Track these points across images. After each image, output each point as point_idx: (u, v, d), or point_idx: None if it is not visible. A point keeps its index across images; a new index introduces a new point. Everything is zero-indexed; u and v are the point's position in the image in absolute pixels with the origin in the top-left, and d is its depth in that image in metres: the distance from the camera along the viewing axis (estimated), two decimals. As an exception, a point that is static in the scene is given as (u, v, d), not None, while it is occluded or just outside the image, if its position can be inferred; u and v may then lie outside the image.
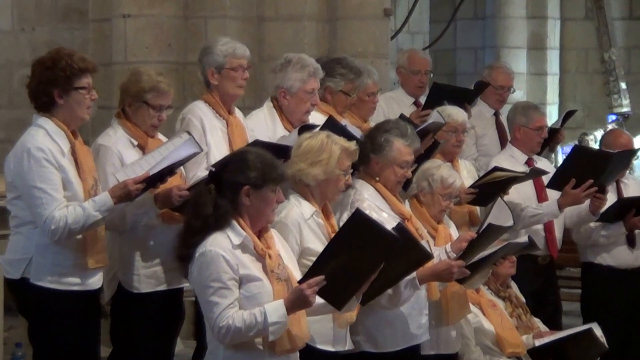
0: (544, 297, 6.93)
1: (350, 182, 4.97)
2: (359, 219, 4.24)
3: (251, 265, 4.18)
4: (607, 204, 6.78)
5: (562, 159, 12.51)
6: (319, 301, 4.24)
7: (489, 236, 5.26)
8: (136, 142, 5.24)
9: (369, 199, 5.20)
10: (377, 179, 5.27)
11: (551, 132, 7.31)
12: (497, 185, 6.32)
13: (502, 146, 7.46)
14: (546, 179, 6.78)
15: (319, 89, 5.84)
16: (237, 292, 4.12)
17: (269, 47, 7.57)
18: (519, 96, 11.85)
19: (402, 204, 5.33)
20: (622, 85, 13.98)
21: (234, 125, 5.66)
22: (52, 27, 8.28)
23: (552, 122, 8.80)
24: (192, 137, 5.02)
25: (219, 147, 5.53)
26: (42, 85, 4.84)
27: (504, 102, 8.00)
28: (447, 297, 5.47)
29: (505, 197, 6.18)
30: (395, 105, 7.36)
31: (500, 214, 5.26)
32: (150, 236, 5.25)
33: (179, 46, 7.52)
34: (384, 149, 5.24)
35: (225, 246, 4.13)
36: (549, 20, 14.04)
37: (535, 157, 7.03)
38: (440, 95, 7.00)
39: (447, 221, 5.77)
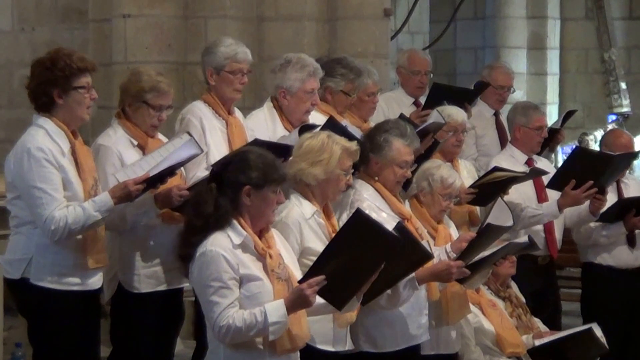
0: (544, 297, 6.92)
1: (351, 182, 4.97)
2: (359, 219, 4.24)
3: (252, 264, 4.18)
4: (608, 204, 6.78)
5: (562, 159, 12.52)
6: (320, 301, 4.24)
7: (488, 236, 5.26)
8: (136, 142, 5.24)
9: (368, 199, 5.20)
10: (376, 179, 5.27)
11: (551, 132, 7.30)
12: (497, 185, 6.32)
13: (502, 146, 7.46)
14: (546, 179, 6.78)
15: (319, 89, 5.84)
16: (238, 291, 4.12)
17: (269, 47, 7.57)
18: (519, 96, 11.85)
19: (401, 204, 5.33)
20: (622, 85, 13.97)
21: (234, 125, 5.66)
22: (52, 27, 8.27)
23: (552, 122, 8.79)
24: (192, 138, 5.02)
25: (218, 148, 5.53)
26: (42, 85, 4.83)
27: (504, 102, 7.99)
28: (447, 297, 5.46)
29: (505, 197, 6.18)
30: (395, 105, 7.35)
31: (500, 214, 5.26)
32: (150, 236, 5.24)
33: (179, 46, 7.51)
34: (383, 148, 5.24)
35: (225, 246, 4.13)
36: (549, 20, 14.04)
37: (535, 157, 7.02)
38: (440, 95, 7.00)
39: (447, 221, 5.77)
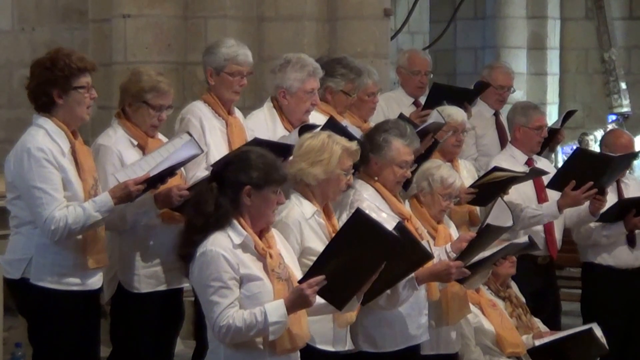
0: (544, 298, 6.92)
1: (351, 182, 4.97)
2: (359, 218, 4.24)
3: (252, 264, 4.18)
4: (608, 204, 6.78)
5: (562, 159, 12.53)
6: (320, 301, 4.24)
7: (488, 236, 5.25)
8: (136, 142, 5.24)
9: (368, 199, 5.20)
10: (376, 179, 5.27)
11: (551, 132, 7.30)
12: (496, 185, 6.31)
13: (502, 146, 7.45)
14: (546, 180, 6.77)
15: (319, 89, 5.84)
16: (238, 291, 4.12)
17: (269, 47, 7.56)
18: (519, 96, 11.84)
19: (401, 204, 5.33)
20: (622, 85, 13.97)
21: (234, 125, 5.65)
22: (52, 27, 8.27)
23: (552, 122, 8.79)
24: (193, 138, 5.02)
25: (218, 148, 5.52)
26: (42, 85, 4.83)
27: (504, 102, 7.98)
28: (447, 297, 5.46)
29: (505, 197, 6.18)
30: (394, 105, 7.35)
31: (500, 214, 5.26)
32: (150, 236, 5.24)
33: (179, 46, 7.51)
34: (383, 148, 5.24)
35: (225, 246, 4.13)
36: (549, 20, 14.04)
37: (535, 157, 7.02)
38: (440, 95, 6.99)
39: (447, 221, 5.77)
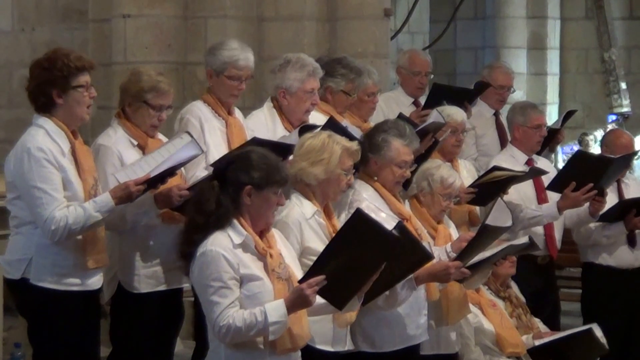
0: (544, 298, 6.91)
1: (352, 182, 4.97)
2: (359, 218, 4.24)
3: (252, 264, 4.18)
4: (608, 204, 6.78)
5: (561, 159, 12.54)
6: (320, 301, 4.24)
7: (487, 237, 5.24)
8: (136, 142, 5.23)
9: (367, 199, 5.20)
10: (375, 179, 5.27)
11: (551, 132, 7.30)
12: (496, 184, 6.31)
13: (502, 146, 7.45)
14: (546, 181, 6.77)
15: (319, 89, 5.84)
16: (238, 291, 4.12)
17: (269, 47, 7.56)
18: (519, 96, 11.84)
19: (401, 204, 5.32)
20: (622, 85, 13.97)
21: (233, 125, 5.65)
22: (52, 27, 8.27)
23: (552, 122, 8.79)
24: (193, 139, 5.02)
25: (217, 148, 5.52)
26: (41, 86, 4.83)
27: (504, 102, 7.98)
28: (447, 297, 5.45)
29: (505, 197, 6.18)
30: (394, 105, 7.35)
31: (499, 214, 5.25)
32: (150, 236, 5.24)
33: (179, 46, 7.51)
34: (382, 148, 5.24)
35: (226, 245, 4.13)
36: (549, 20, 14.04)
37: (535, 157, 7.02)
38: (440, 95, 7.00)
39: (447, 221, 5.76)
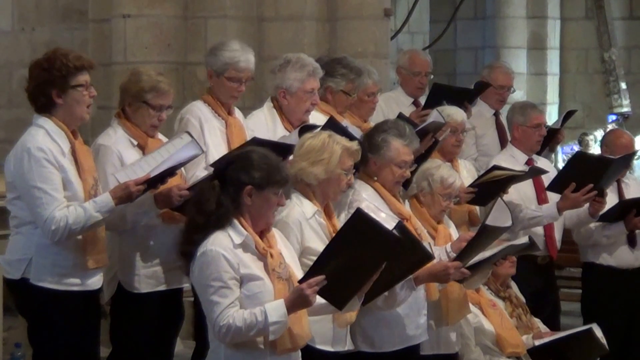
0: (543, 298, 6.91)
1: (352, 182, 4.97)
2: (359, 218, 4.23)
3: (252, 264, 4.17)
4: (609, 204, 6.77)
5: (561, 159, 12.53)
6: (321, 301, 4.24)
7: (486, 237, 5.23)
8: (136, 142, 5.23)
9: (367, 199, 5.19)
10: (375, 179, 5.27)
11: (551, 132, 7.30)
12: (496, 184, 6.31)
13: (502, 146, 7.45)
14: (546, 181, 6.77)
15: (319, 89, 5.84)
16: (238, 291, 4.12)
17: (268, 47, 7.56)
18: (519, 96, 11.84)
19: (401, 204, 5.32)
20: (622, 85, 13.97)
21: (233, 125, 5.65)
22: (52, 27, 8.27)
23: (552, 122, 8.79)
24: (193, 139, 5.02)
25: (217, 148, 5.52)
26: (40, 86, 4.83)
27: (504, 102, 7.98)
28: (447, 297, 5.45)
29: (505, 197, 6.17)
30: (394, 105, 7.35)
31: (499, 214, 5.25)
32: (150, 236, 5.24)
33: (179, 46, 7.51)
34: (382, 148, 5.24)
35: (226, 245, 4.13)
36: (549, 20, 14.04)
37: (535, 157, 7.02)
38: (440, 95, 6.99)
39: (447, 221, 5.76)
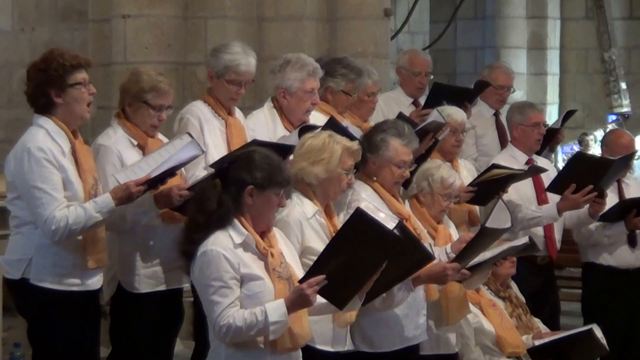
0: (543, 298, 6.91)
1: (352, 181, 4.96)
2: (359, 218, 4.23)
3: (253, 264, 4.17)
4: (609, 204, 6.77)
5: (561, 159, 12.53)
6: (321, 301, 4.24)
7: (485, 238, 5.23)
8: (136, 142, 5.23)
9: (366, 199, 5.19)
10: (374, 179, 5.26)
11: (551, 132, 7.30)
12: (495, 182, 6.31)
13: (502, 146, 7.45)
14: (546, 181, 6.77)
15: (319, 89, 5.84)
16: (238, 291, 4.12)
17: (268, 47, 7.56)
18: (519, 96, 11.84)
19: (401, 204, 5.32)
20: (622, 85, 13.97)
21: (233, 126, 5.65)
22: (52, 27, 8.27)
23: (552, 122, 8.79)
24: (193, 139, 5.02)
25: (217, 148, 5.52)
26: (39, 87, 4.83)
27: (504, 102, 7.97)
28: (446, 297, 5.45)
29: (504, 197, 6.17)
30: (394, 105, 7.34)
31: (500, 215, 5.25)
32: (150, 236, 5.24)
33: (179, 46, 7.51)
34: (381, 148, 5.24)
35: (226, 245, 4.13)
36: (549, 20, 14.04)
37: (535, 156, 7.02)
38: (440, 95, 6.99)
39: (447, 221, 5.76)
